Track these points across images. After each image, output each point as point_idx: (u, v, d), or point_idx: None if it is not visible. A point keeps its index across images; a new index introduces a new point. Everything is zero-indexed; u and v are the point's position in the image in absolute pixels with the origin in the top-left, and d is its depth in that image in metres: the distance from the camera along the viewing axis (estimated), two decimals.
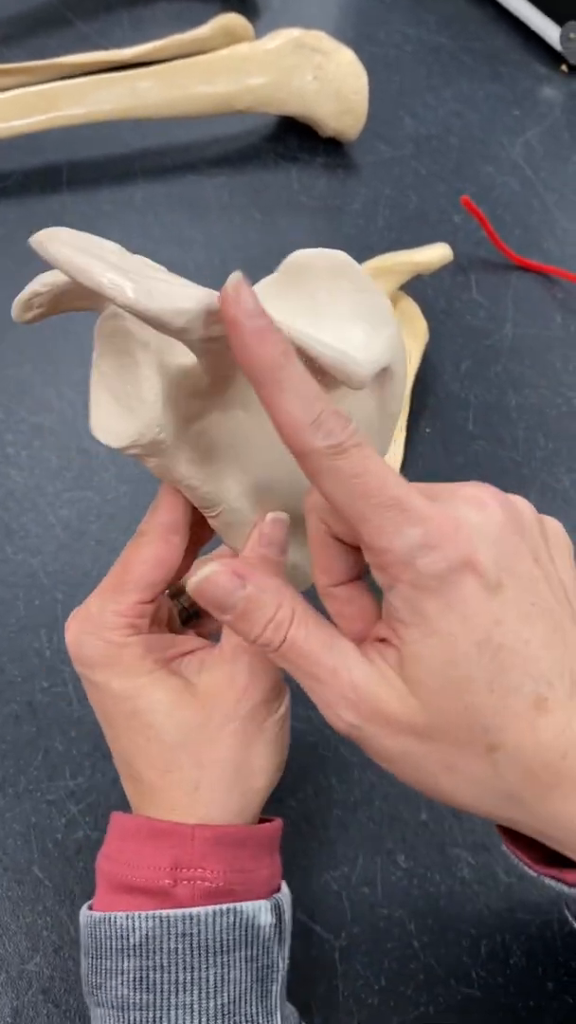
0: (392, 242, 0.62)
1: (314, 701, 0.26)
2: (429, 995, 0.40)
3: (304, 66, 0.62)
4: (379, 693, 0.25)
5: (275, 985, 0.30)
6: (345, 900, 0.41)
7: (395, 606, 0.24)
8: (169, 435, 0.27)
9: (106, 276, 0.22)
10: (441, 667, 0.24)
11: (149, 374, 0.26)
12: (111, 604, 0.30)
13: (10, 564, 0.47)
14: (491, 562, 0.24)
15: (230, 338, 0.24)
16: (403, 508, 0.24)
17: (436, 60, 0.75)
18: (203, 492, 0.29)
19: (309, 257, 0.30)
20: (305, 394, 0.23)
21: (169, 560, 0.30)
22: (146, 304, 0.23)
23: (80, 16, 0.70)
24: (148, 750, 0.30)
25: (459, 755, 0.25)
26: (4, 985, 0.38)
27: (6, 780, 0.42)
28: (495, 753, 0.25)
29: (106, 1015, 0.29)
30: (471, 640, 0.24)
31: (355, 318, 0.30)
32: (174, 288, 0.24)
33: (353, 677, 0.25)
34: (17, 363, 0.53)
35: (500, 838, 0.30)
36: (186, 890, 0.29)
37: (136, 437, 0.27)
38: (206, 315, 0.24)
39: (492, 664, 0.24)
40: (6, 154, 0.60)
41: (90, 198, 0.61)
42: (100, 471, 0.50)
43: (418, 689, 0.24)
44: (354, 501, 0.24)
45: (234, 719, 0.30)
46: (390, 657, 0.25)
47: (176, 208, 0.61)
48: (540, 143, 0.71)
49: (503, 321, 0.61)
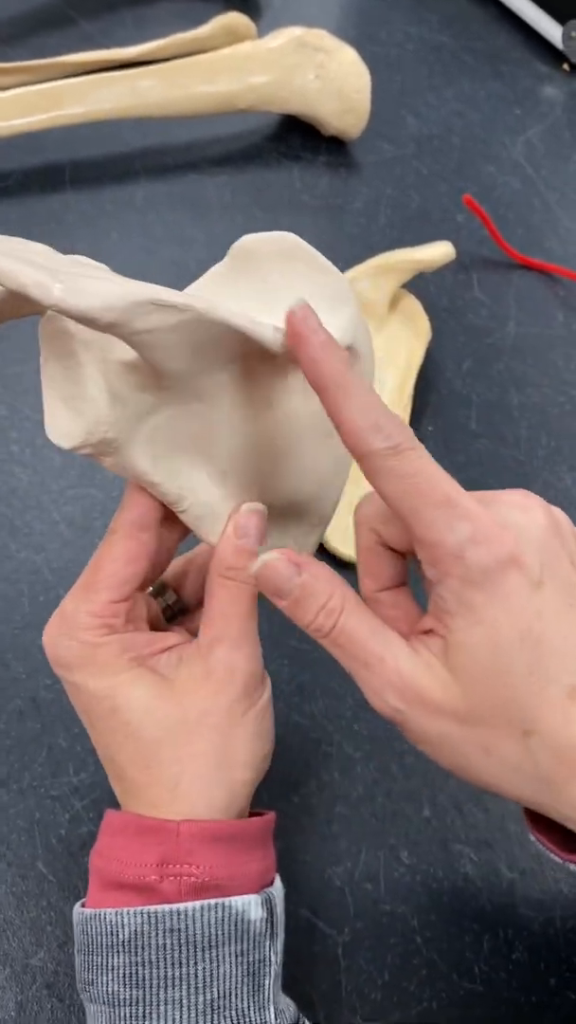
0: (394, 241, 0.63)
1: (360, 686, 0.28)
2: (432, 990, 0.40)
3: (306, 65, 0.62)
4: (423, 680, 0.27)
5: (267, 979, 0.30)
6: (348, 895, 0.41)
7: (444, 597, 0.26)
8: (120, 432, 0.27)
9: (30, 277, 0.22)
10: (484, 655, 0.26)
11: (92, 372, 0.26)
12: (84, 604, 0.30)
13: (14, 561, 0.47)
14: (534, 561, 0.26)
15: (298, 352, 0.26)
16: (454, 506, 0.26)
17: (438, 59, 0.75)
18: (166, 488, 0.29)
19: (257, 241, 0.29)
20: (366, 400, 0.26)
21: (140, 557, 0.30)
22: (74, 302, 0.22)
23: (83, 15, 0.70)
24: (128, 748, 0.30)
25: (496, 739, 0.26)
26: (8, 980, 0.38)
27: (10, 776, 0.42)
28: (530, 738, 0.26)
29: (98, 1011, 0.29)
30: (514, 631, 0.25)
31: (314, 299, 0.29)
32: (101, 284, 0.23)
33: (399, 665, 0.27)
34: (21, 360, 0.53)
35: (506, 835, 0.30)
36: (172, 886, 0.29)
37: (85, 437, 0.27)
38: (137, 307, 0.24)
39: (532, 654, 0.26)
40: (8, 153, 0.60)
41: (92, 197, 0.61)
42: (103, 469, 0.50)
43: (461, 675, 0.26)
44: (409, 499, 0.26)
45: (212, 713, 0.30)
46: (434, 647, 0.27)
47: (178, 207, 0.61)
48: (542, 142, 0.71)
49: (505, 319, 0.61)
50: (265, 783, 0.43)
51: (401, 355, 0.54)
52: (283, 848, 0.42)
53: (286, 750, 0.44)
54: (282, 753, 0.44)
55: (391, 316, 0.55)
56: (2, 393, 0.52)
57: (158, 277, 0.61)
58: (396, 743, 0.45)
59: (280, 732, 0.45)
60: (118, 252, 0.59)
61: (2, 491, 0.49)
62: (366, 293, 0.54)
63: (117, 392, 0.27)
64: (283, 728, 0.45)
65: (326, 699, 0.46)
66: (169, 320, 0.24)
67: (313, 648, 0.47)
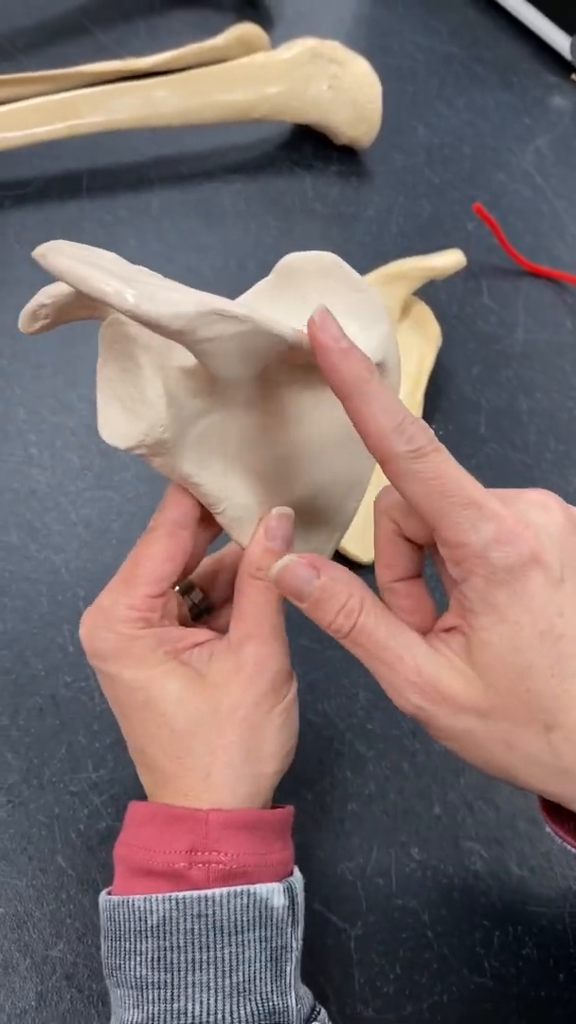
0: (405, 249, 0.64)
1: (382, 685, 0.29)
2: (443, 984, 0.41)
3: (320, 75, 0.63)
4: (444, 678, 0.28)
5: (289, 965, 0.31)
6: (360, 890, 0.42)
7: (468, 596, 0.27)
8: (173, 434, 0.28)
9: (108, 284, 0.23)
10: (507, 652, 0.27)
11: (151, 376, 0.27)
12: (123, 598, 0.31)
13: (34, 561, 0.48)
14: (555, 560, 0.27)
15: (319, 359, 0.27)
16: (479, 507, 0.26)
17: (448, 69, 0.76)
18: (208, 489, 0.30)
19: (300, 260, 0.31)
20: (388, 404, 0.26)
21: (178, 554, 0.31)
22: (146, 308, 0.24)
23: (98, 25, 0.71)
24: (161, 738, 0.31)
25: (518, 734, 0.27)
26: (28, 970, 0.39)
27: (30, 772, 0.43)
28: (552, 733, 0.27)
29: (125, 995, 0.30)
30: (536, 629, 0.26)
31: (348, 316, 0.31)
32: (172, 293, 0.25)
33: (418, 663, 0.28)
34: (40, 365, 0.54)
35: (516, 833, 0.31)
36: (201, 872, 0.30)
37: (141, 437, 0.28)
38: (203, 317, 0.25)
39: (553, 651, 0.26)
40: (27, 161, 0.62)
41: (109, 204, 0.62)
42: (121, 471, 0.51)
43: (484, 673, 0.27)
44: (433, 501, 0.27)
45: (242, 706, 0.31)
46: (455, 644, 0.28)
47: (193, 215, 0.63)
48: (550, 151, 0.72)
49: (514, 326, 0.62)
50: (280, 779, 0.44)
51: (412, 361, 0.55)
52: (298, 843, 0.43)
53: (299, 748, 0.45)
54: (296, 750, 0.45)
55: (402, 323, 0.56)
56: (21, 396, 0.53)
57: None
58: (407, 741, 0.46)
59: None
60: (134, 259, 0.59)
61: (22, 493, 0.50)
62: None
63: (173, 396, 0.28)
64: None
65: (338, 698, 0.47)
66: (230, 329, 0.26)
67: (324, 647, 0.48)
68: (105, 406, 0.29)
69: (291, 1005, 0.30)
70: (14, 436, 0.51)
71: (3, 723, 0.44)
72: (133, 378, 0.28)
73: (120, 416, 0.28)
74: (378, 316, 0.31)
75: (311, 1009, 0.32)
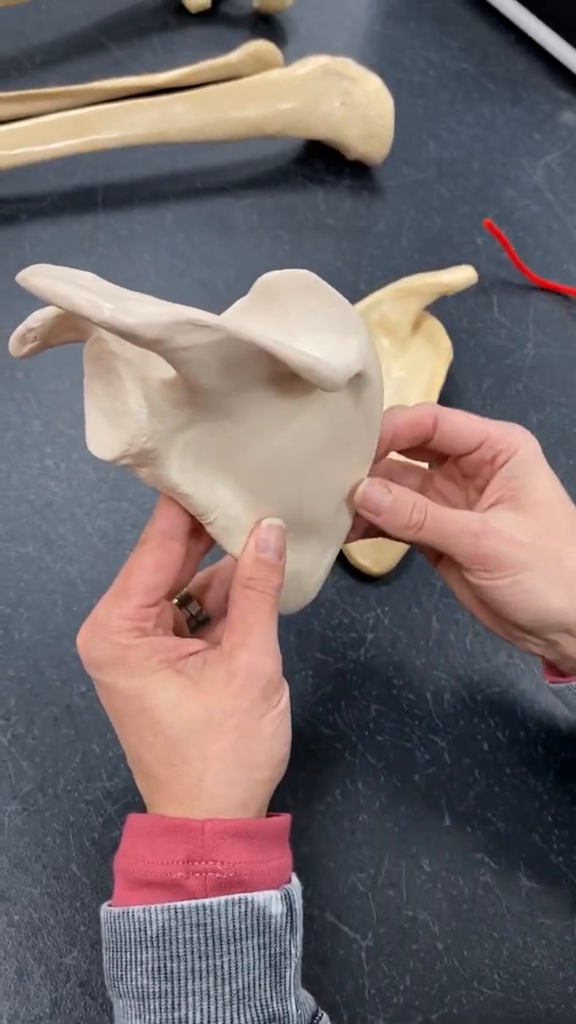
0: (416, 263, 0.64)
1: (455, 551, 0.36)
2: (452, 995, 0.41)
3: (332, 92, 0.64)
4: (502, 524, 0.36)
5: (288, 971, 0.31)
6: (371, 901, 0.43)
7: (514, 476, 0.37)
8: (156, 444, 0.29)
9: (84, 298, 0.25)
10: (549, 494, 0.37)
11: (132, 388, 0.28)
12: (116, 609, 0.32)
13: (49, 572, 0.48)
14: (546, 464, 0.38)
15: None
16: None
17: (459, 85, 0.76)
18: (196, 500, 0.31)
19: (278, 278, 0.32)
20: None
21: (168, 565, 0.32)
22: (121, 319, 0.25)
23: (114, 41, 0.72)
24: (155, 745, 0.32)
25: (565, 547, 0.36)
26: (43, 978, 0.39)
27: (45, 781, 0.43)
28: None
29: (127, 1006, 0.30)
30: (557, 487, 0.38)
31: (326, 330, 0.32)
32: (146, 305, 0.26)
33: (483, 519, 0.37)
34: (56, 377, 0.55)
35: (524, 846, 0.31)
36: (198, 882, 0.30)
37: (125, 447, 0.29)
38: (177, 326, 0.26)
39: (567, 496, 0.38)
40: (43, 175, 0.62)
41: (123, 218, 0.63)
42: (135, 483, 0.52)
43: (532, 511, 0.37)
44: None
45: (235, 713, 0.32)
46: (504, 506, 0.37)
47: (206, 229, 0.63)
48: (560, 166, 0.73)
49: (524, 341, 0.62)
50: (292, 791, 0.45)
51: (424, 375, 0.56)
52: (309, 854, 0.43)
53: (311, 759, 0.46)
54: (308, 762, 0.45)
55: (414, 337, 0.57)
56: (37, 409, 0.53)
57: (188, 296, 0.63)
58: (418, 754, 0.46)
59: (306, 742, 0.46)
60: (149, 272, 0.60)
61: (38, 504, 0.50)
62: (390, 315, 0.55)
63: (155, 406, 0.29)
64: (309, 738, 0.46)
65: (350, 710, 0.47)
66: (204, 338, 0.26)
67: (336, 660, 0.48)
68: (92, 420, 0.30)
69: (291, 1011, 0.31)
70: (30, 448, 0.52)
71: (19, 732, 0.44)
72: (116, 391, 0.29)
73: (105, 429, 0.29)
74: (355, 328, 0.32)
75: (312, 1014, 0.32)
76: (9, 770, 0.43)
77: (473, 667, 0.49)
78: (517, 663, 0.50)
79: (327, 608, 0.50)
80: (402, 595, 0.51)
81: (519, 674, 0.50)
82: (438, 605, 0.51)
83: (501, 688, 0.49)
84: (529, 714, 0.48)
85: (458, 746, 0.47)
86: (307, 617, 0.49)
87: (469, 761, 0.47)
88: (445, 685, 0.49)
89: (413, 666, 0.49)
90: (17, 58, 0.69)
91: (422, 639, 0.50)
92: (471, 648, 0.50)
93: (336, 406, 0.32)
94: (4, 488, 0.51)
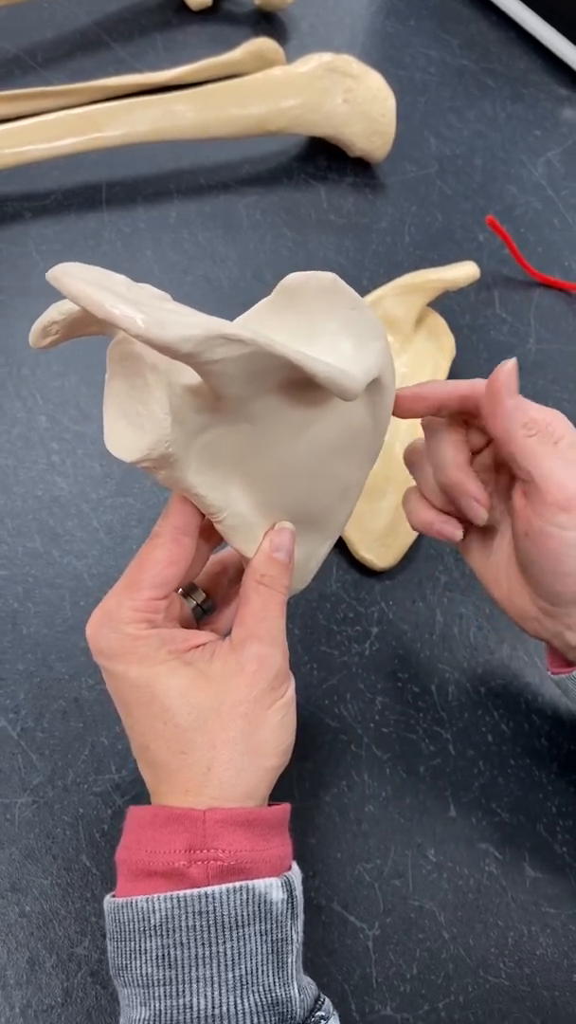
0: (418, 259, 0.65)
1: (548, 489, 0.36)
2: (458, 984, 0.42)
3: (335, 89, 0.64)
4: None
5: (290, 957, 0.32)
6: (378, 891, 0.43)
7: None
8: (177, 449, 0.29)
9: (118, 308, 0.24)
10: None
11: (159, 395, 0.28)
12: (127, 600, 0.32)
13: (57, 567, 0.49)
14: None
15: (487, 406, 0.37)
16: None
17: (460, 82, 0.77)
18: (209, 500, 0.32)
19: (302, 279, 0.32)
20: None
21: (180, 559, 0.33)
22: (157, 333, 0.25)
23: (116, 39, 0.72)
24: (164, 733, 0.32)
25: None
26: (55, 967, 0.40)
27: (55, 773, 0.44)
28: None
29: (132, 994, 0.31)
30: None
31: (345, 334, 0.32)
32: (181, 317, 0.26)
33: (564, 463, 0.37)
34: (62, 374, 0.55)
35: (529, 836, 0.32)
36: (200, 870, 0.30)
37: (147, 452, 0.29)
38: (210, 340, 0.26)
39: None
40: (47, 173, 0.63)
41: (127, 216, 0.63)
42: (141, 479, 0.52)
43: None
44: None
45: (243, 703, 0.32)
46: None
47: (210, 225, 0.64)
48: (561, 163, 0.73)
49: (526, 336, 0.63)
50: (298, 782, 0.45)
51: (427, 371, 0.56)
52: (315, 844, 0.44)
53: (318, 751, 0.46)
54: (314, 753, 0.46)
55: (417, 333, 0.57)
56: (43, 405, 0.54)
57: (192, 292, 0.63)
58: (423, 745, 0.47)
59: (312, 734, 0.47)
60: (153, 269, 0.61)
61: (44, 500, 0.51)
62: (393, 311, 0.56)
63: (178, 412, 0.29)
64: (315, 730, 0.47)
65: (356, 703, 0.48)
66: (235, 352, 0.27)
67: (342, 653, 0.49)
68: (112, 420, 0.30)
69: (294, 995, 0.31)
70: (37, 444, 0.52)
71: (28, 725, 0.45)
72: (140, 395, 0.29)
73: (127, 431, 0.29)
74: (374, 333, 0.33)
75: (314, 999, 0.33)
76: (19, 763, 0.44)
77: (477, 660, 0.50)
78: (521, 656, 0.50)
79: (332, 602, 0.50)
80: (406, 589, 0.51)
81: (523, 667, 0.50)
82: (442, 599, 0.51)
83: (505, 680, 0.49)
84: (533, 706, 0.49)
85: (463, 738, 0.47)
86: (312, 611, 0.50)
87: (474, 752, 0.47)
88: (449, 678, 0.49)
89: (418, 659, 0.49)
90: (20, 57, 0.69)
91: (426, 632, 0.50)
92: (475, 641, 0.50)
93: (351, 411, 0.33)
94: (11, 484, 0.51)
